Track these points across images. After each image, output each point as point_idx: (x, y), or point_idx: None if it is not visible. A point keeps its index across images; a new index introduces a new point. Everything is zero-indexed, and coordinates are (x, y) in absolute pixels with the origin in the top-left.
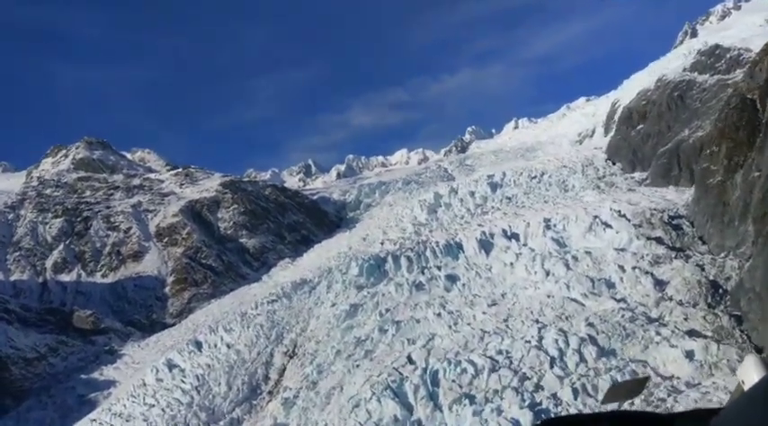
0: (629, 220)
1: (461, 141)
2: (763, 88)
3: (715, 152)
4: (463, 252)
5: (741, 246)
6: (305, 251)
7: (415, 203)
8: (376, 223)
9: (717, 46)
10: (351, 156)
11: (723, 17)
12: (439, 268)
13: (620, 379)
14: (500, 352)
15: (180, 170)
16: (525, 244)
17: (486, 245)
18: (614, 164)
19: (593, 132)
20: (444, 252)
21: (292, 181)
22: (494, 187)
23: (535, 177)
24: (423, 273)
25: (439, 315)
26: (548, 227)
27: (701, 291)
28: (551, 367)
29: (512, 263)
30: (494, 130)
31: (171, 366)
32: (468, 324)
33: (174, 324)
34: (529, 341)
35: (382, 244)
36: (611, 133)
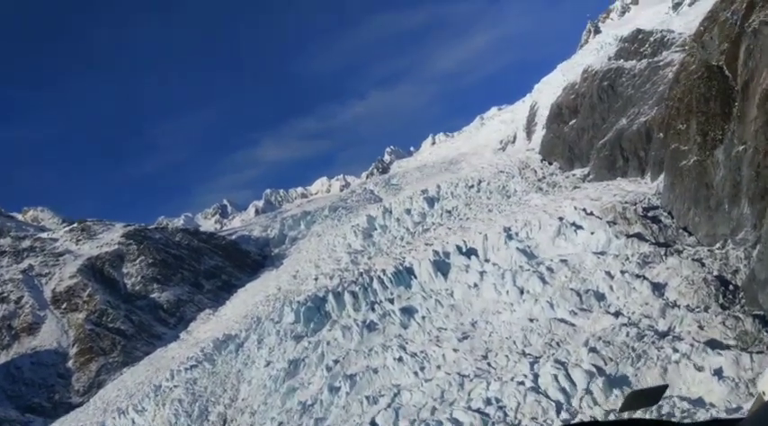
0: (599, 218)
1: (382, 162)
2: (730, 52)
3: (683, 130)
4: (416, 277)
5: (738, 232)
6: (227, 298)
7: (346, 229)
8: (306, 257)
9: (639, 30)
10: (268, 191)
11: (623, 12)
12: (391, 301)
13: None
14: (488, 402)
15: (75, 225)
16: (488, 260)
17: (441, 267)
18: (551, 163)
19: (515, 137)
20: (394, 280)
21: (208, 224)
22: (431, 201)
23: (473, 186)
24: (372, 310)
25: (400, 359)
26: (509, 237)
27: (709, 291)
28: (558, 413)
29: (476, 284)
30: (412, 148)
31: None
32: (439, 367)
33: (81, 404)
34: (522, 383)
35: (316, 280)
36: (543, 133)
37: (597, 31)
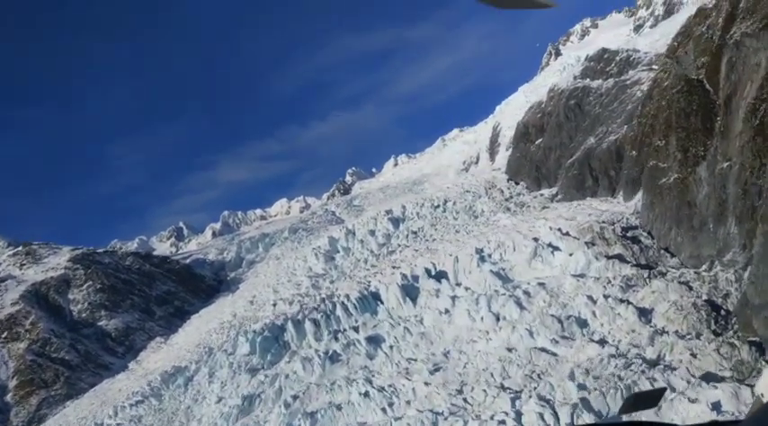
0: (576, 238)
1: (343, 183)
2: (711, 65)
3: (661, 147)
4: (382, 303)
5: (725, 253)
6: (180, 325)
7: (307, 252)
8: (263, 281)
9: (604, 50)
10: (226, 213)
11: (583, 35)
12: (355, 329)
13: None
14: None
15: (20, 248)
16: (459, 283)
17: (409, 291)
18: (517, 183)
19: (478, 158)
20: (358, 306)
21: (163, 247)
22: (395, 222)
23: (438, 206)
24: (336, 339)
25: (366, 394)
26: (482, 259)
27: (699, 316)
28: None
29: (448, 310)
30: (374, 169)
31: None
32: (410, 403)
33: None
34: (503, 422)
35: (275, 305)
36: (507, 153)
37: (558, 54)
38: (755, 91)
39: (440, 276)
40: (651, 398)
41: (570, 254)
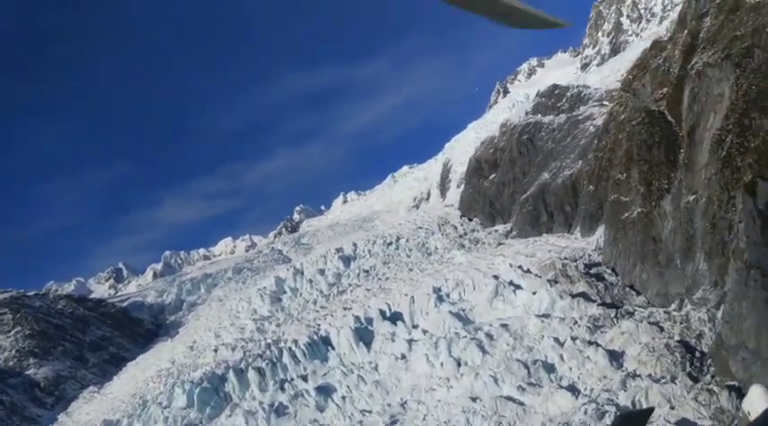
0: (538, 276)
1: (291, 221)
2: (672, 97)
3: (623, 180)
4: (333, 349)
5: (694, 290)
6: (115, 373)
7: (252, 293)
8: (205, 325)
9: (555, 86)
10: (168, 253)
11: (530, 74)
12: (304, 378)
13: None
14: None
15: None
16: (416, 326)
17: (363, 335)
18: (471, 219)
19: (429, 194)
20: (307, 353)
21: (102, 289)
22: (346, 260)
23: (391, 243)
24: (282, 389)
25: None
26: (440, 299)
27: (674, 359)
28: None
29: (404, 355)
30: (323, 207)
31: None
32: None
33: None
34: None
35: (216, 351)
36: (459, 189)
37: (506, 92)
38: (720, 121)
39: (395, 318)
40: (639, 419)
41: (533, 293)
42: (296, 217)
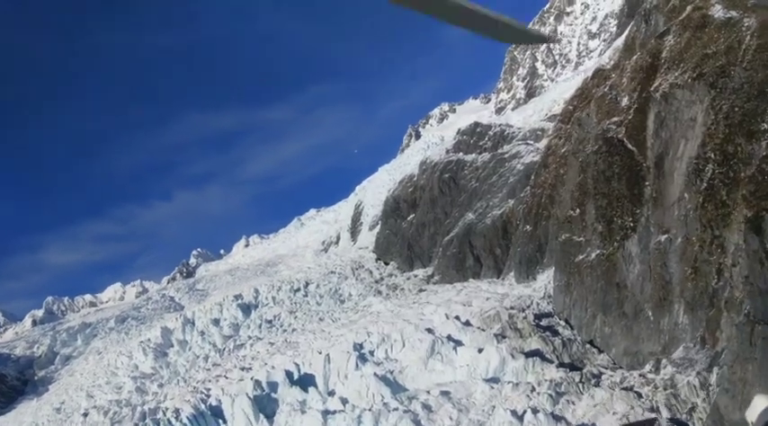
0: (482, 329)
1: (187, 265)
2: (632, 124)
3: (575, 217)
4: (225, 423)
5: (672, 348)
6: None
7: (134, 346)
8: (77, 382)
9: (477, 124)
10: (50, 298)
11: (442, 119)
12: None
13: None
14: None
15: None
16: (333, 393)
17: (264, 405)
18: (387, 263)
19: (338, 238)
20: (192, 424)
21: None
22: (246, 309)
23: (298, 289)
24: None
25: None
26: (362, 358)
27: None
28: None
29: None
30: (222, 251)
31: None
32: None
33: None
34: None
35: (86, 416)
36: (373, 231)
37: (418, 136)
38: (696, 149)
39: (306, 382)
40: None
41: (479, 351)
42: (192, 261)
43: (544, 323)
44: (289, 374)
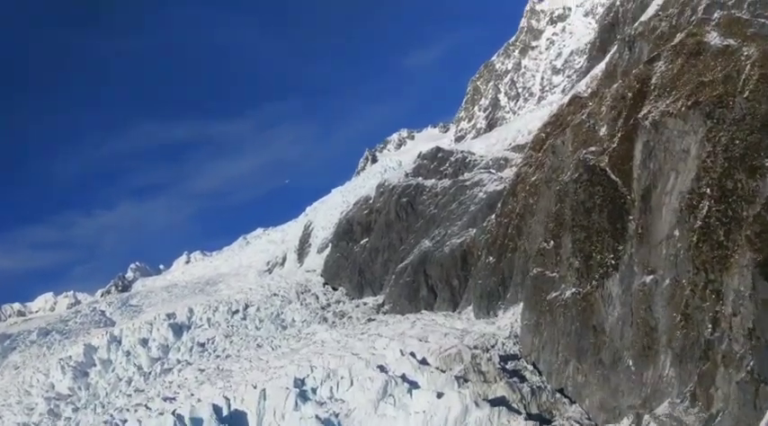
0: (442, 370)
1: (123, 279)
2: (616, 153)
3: (549, 250)
4: None
5: (655, 403)
6: None
7: (52, 363)
8: None
9: (438, 149)
10: None
11: (400, 145)
12: None
13: None
14: None
15: None
16: None
17: None
18: (335, 289)
19: (284, 259)
20: None
21: None
22: (177, 329)
23: (237, 311)
24: None
25: None
26: (303, 396)
27: None
28: None
29: None
30: (162, 266)
31: None
32: None
33: None
34: None
35: None
36: (323, 253)
37: (375, 160)
38: (689, 183)
39: (236, 421)
40: None
41: (438, 396)
42: (129, 275)
43: (510, 366)
44: (217, 409)
